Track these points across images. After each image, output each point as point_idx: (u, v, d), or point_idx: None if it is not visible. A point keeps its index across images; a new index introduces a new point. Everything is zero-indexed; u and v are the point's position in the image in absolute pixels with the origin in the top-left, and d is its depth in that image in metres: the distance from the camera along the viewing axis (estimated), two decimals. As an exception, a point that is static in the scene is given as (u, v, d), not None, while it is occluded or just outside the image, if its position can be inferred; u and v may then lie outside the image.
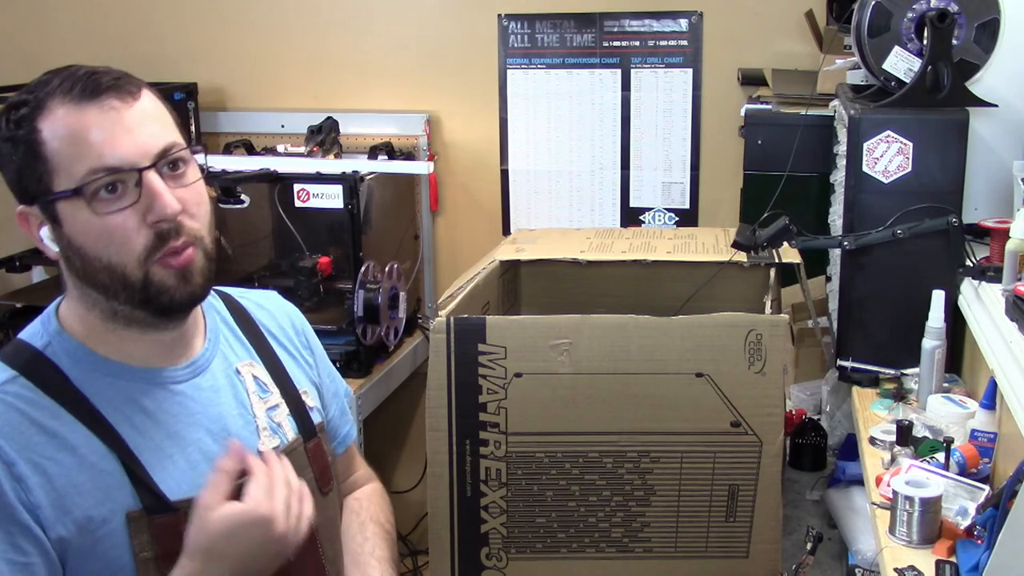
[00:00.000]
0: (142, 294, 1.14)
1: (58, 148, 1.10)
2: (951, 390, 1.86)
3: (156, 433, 1.17)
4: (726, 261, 2.24)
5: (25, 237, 1.15)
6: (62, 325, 1.19)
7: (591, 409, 1.87)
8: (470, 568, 1.96)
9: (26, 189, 1.13)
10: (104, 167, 1.09)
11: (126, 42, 3.29)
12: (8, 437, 1.09)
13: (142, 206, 1.11)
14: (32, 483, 1.08)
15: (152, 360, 1.20)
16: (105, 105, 1.11)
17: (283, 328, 1.42)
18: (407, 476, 3.35)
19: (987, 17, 1.91)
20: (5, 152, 1.13)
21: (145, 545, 1.12)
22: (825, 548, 1.91)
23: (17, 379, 1.14)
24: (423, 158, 3.11)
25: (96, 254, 1.12)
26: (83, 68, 1.14)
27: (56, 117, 1.10)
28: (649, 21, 2.98)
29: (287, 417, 1.32)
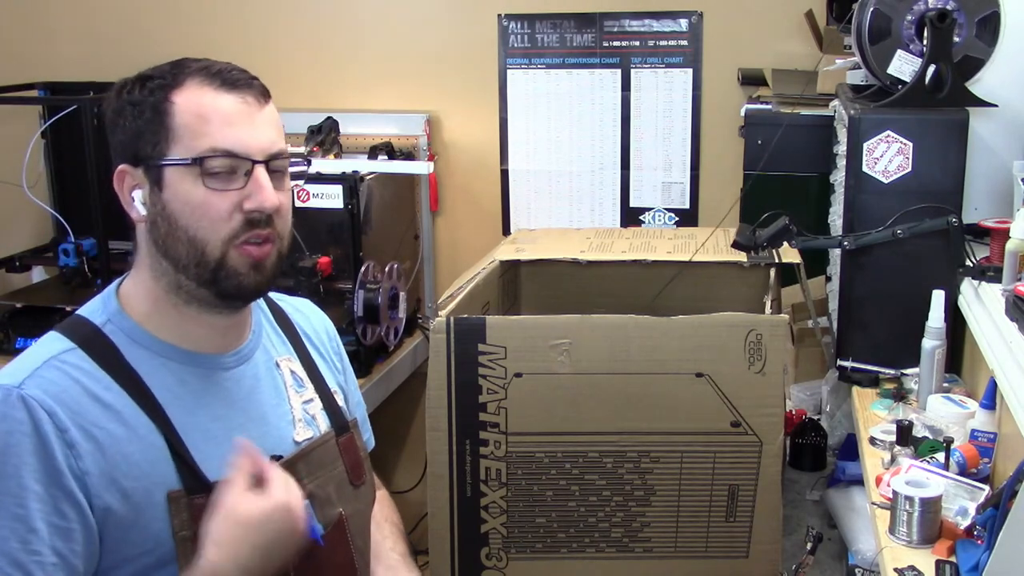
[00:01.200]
0: (212, 274, 1.19)
1: (186, 122, 1.17)
2: (951, 390, 1.86)
3: (203, 415, 1.22)
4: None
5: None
6: (122, 305, 1.24)
7: (591, 409, 1.87)
8: (470, 568, 1.96)
9: (137, 151, 1.19)
10: (224, 149, 1.17)
11: (125, 42, 3.29)
12: (63, 404, 1.13)
13: (244, 193, 1.18)
14: (83, 450, 1.12)
15: (204, 345, 1.25)
16: (241, 97, 1.20)
17: (317, 332, 1.48)
18: (407, 476, 3.35)
19: (987, 11, 1.91)
20: (127, 113, 1.20)
21: (184, 524, 1.16)
22: (825, 548, 1.91)
23: (75, 351, 1.18)
24: (423, 158, 3.11)
25: (186, 223, 1.18)
26: (221, 62, 1.22)
27: (192, 94, 1.18)
28: (649, 21, 2.98)
29: (321, 411, 1.37)
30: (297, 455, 1.29)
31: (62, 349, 1.18)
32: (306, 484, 1.28)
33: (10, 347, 2.83)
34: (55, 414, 1.12)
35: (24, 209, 3.09)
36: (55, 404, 1.12)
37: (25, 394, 1.12)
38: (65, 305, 2.83)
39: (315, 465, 1.32)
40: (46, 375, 1.15)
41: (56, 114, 2.97)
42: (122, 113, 1.20)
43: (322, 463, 1.33)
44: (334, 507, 1.33)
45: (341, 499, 1.35)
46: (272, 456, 1.25)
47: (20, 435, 1.10)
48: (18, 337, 2.83)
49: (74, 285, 2.93)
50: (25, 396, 1.12)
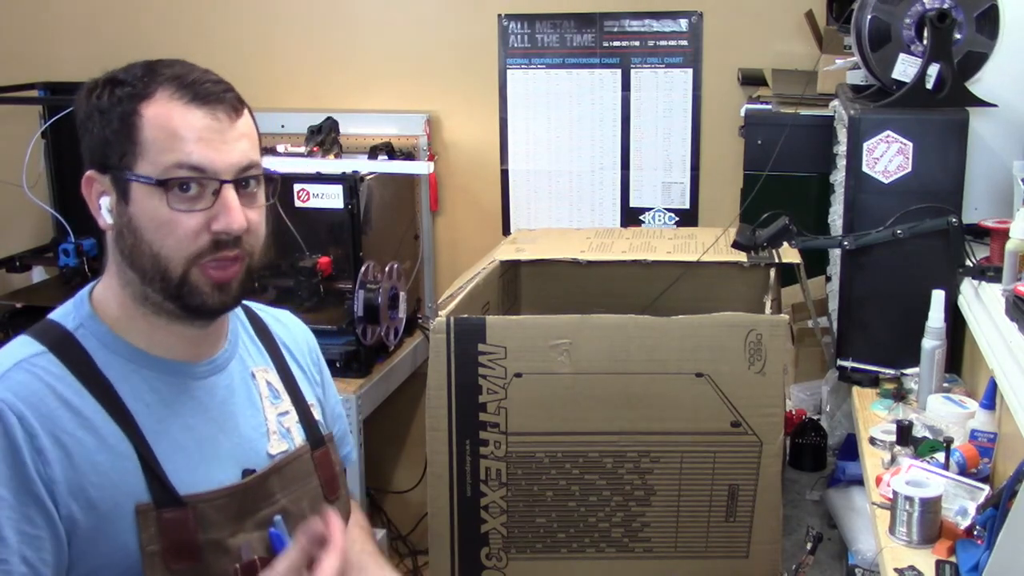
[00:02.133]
0: (176, 290, 1.17)
1: (153, 136, 1.14)
2: (951, 390, 1.86)
3: (174, 425, 1.20)
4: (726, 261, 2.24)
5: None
6: (95, 309, 1.22)
7: (591, 409, 1.87)
8: (470, 568, 1.96)
9: (105, 159, 1.17)
10: (190, 164, 1.14)
11: (125, 42, 3.29)
12: (33, 408, 1.10)
13: (211, 214, 1.15)
14: (51, 457, 1.10)
15: (176, 353, 1.23)
16: (211, 113, 1.16)
17: (297, 343, 1.45)
18: (407, 476, 3.35)
19: (985, 6, 1.91)
20: (95, 120, 1.17)
21: (152, 538, 1.13)
22: (825, 548, 1.91)
23: (45, 354, 1.16)
24: (423, 158, 3.11)
25: (150, 239, 1.15)
26: (196, 70, 1.19)
27: (161, 108, 1.15)
28: (649, 21, 2.98)
29: (296, 424, 1.34)
30: (270, 469, 1.26)
31: (33, 352, 1.15)
32: (279, 498, 1.26)
33: (10, 347, 2.83)
34: (24, 418, 1.09)
35: (24, 209, 3.09)
36: (24, 408, 1.10)
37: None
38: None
39: (289, 479, 1.29)
40: (16, 377, 1.12)
41: (56, 114, 2.97)
42: (91, 118, 1.17)
43: (296, 477, 1.30)
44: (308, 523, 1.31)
45: (315, 514, 1.29)
46: (244, 470, 1.23)
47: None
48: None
49: (74, 285, 2.92)
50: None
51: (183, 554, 1.14)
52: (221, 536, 1.18)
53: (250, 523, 1.22)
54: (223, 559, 1.18)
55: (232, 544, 1.19)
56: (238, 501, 1.21)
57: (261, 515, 1.23)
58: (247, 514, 1.22)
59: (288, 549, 1.15)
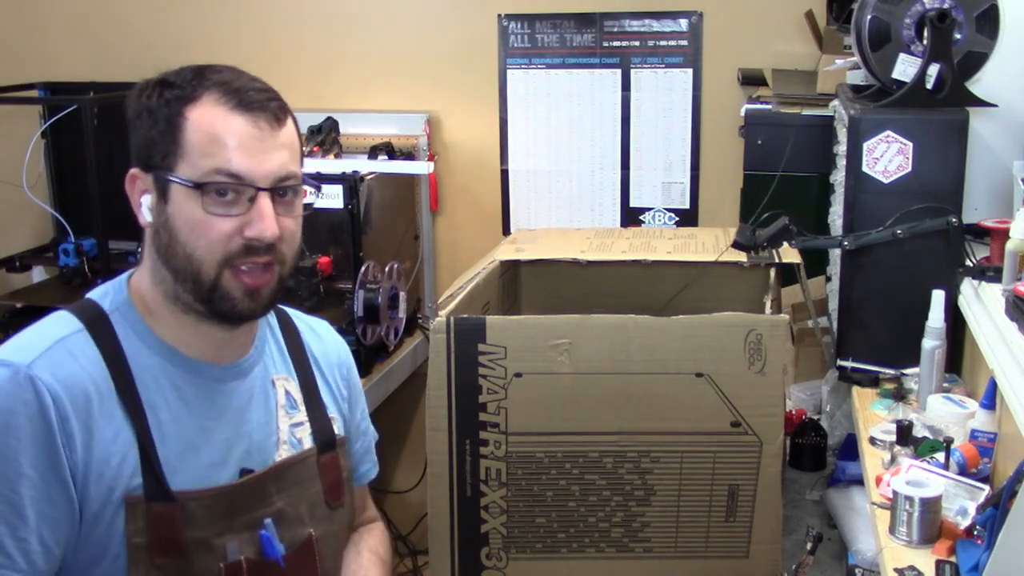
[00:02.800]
0: (208, 293, 1.19)
1: (195, 139, 1.16)
2: (951, 390, 1.86)
3: (189, 424, 1.21)
4: (726, 261, 2.24)
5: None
6: (131, 296, 1.23)
7: (591, 409, 1.87)
8: (470, 568, 1.96)
9: (149, 158, 1.19)
10: (228, 171, 1.16)
11: (125, 42, 3.29)
12: (68, 391, 1.12)
13: (246, 219, 1.17)
14: (78, 442, 1.11)
15: (202, 353, 1.24)
16: (253, 121, 1.18)
17: (327, 356, 1.45)
18: (407, 476, 3.35)
19: (985, 5, 1.91)
20: (143, 119, 1.19)
21: (139, 531, 1.14)
22: (825, 548, 1.91)
23: (82, 332, 1.18)
24: (423, 158, 3.12)
25: (184, 240, 1.17)
26: (244, 76, 1.21)
27: (206, 112, 1.17)
28: (649, 21, 2.98)
29: (309, 435, 1.35)
30: (268, 471, 1.26)
31: (71, 331, 1.18)
32: (275, 501, 1.26)
33: (10, 347, 2.83)
34: (59, 401, 1.11)
35: (24, 209, 3.10)
36: (61, 391, 1.11)
37: (35, 375, 1.10)
38: (65, 305, 2.82)
39: (289, 482, 1.29)
40: (56, 358, 1.14)
41: (56, 114, 2.97)
42: (139, 117, 1.20)
43: (297, 481, 1.30)
44: (304, 527, 1.30)
45: (313, 519, 1.32)
46: (242, 470, 1.24)
47: (24, 417, 1.09)
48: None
49: (74, 285, 2.93)
50: (35, 378, 1.10)
51: (168, 550, 1.15)
52: (207, 535, 1.19)
53: (240, 523, 1.22)
54: (208, 558, 1.19)
55: (218, 543, 1.19)
56: (229, 501, 1.21)
57: (254, 516, 1.23)
58: (238, 514, 1.22)
59: None
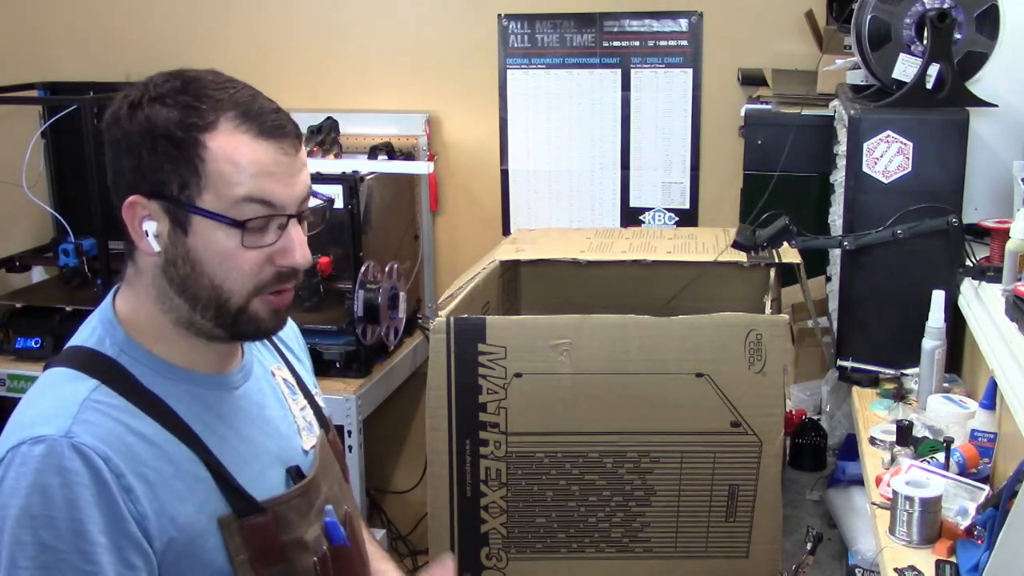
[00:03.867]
0: (232, 319, 1.15)
1: (219, 169, 1.10)
2: (951, 390, 1.86)
3: (232, 438, 1.20)
4: (725, 261, 2.24)
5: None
6: (128, 332, 1.17)
7: (591, 409, 1.87)
8: (470, 568, 1.96)
9: (158, 186, 1.11)
10: (261, 199, 1.11)
11: (125, 42, 3.29)
12: (114, 448, 1.07)
13: (277, 248, 1.14)
14: (139, 493, 1.08)
15: (212, 367, 1.22)
16: (279, 147, 1.12)
17: (287, 335, 1.45)
18: (407, 476, 3.35)
19: (985, 5, 1.91)
20: (143, 143, 1.11)
21: (240, 548, 1.14)
22: (825, 548, 1.91)
23: (101, 387, 1.12)
24: (423, 158, 3.11)
25: (212, 272, 1.12)
26: (258, 97, 1.15)
27: (227, 140, 1.10)
28: (649, 21, 2.98)
29: (312, 416, 1.37)
30: (318, 467, 1.28)
31: (90, 388, 1.11)
32: (323, 488, 1.28)
33: (10, 347, 2.83)
34: (110, 460, 1.06)
35: (24, 209, 3.09)
36: (108, 449, 1.07)
37: (77, 443, 1.05)
38: (65, 305, 2.83)
39: (326, 468, 1.32)
40: (90, 419, 1.08)
41: (56, 114, 2.97)
42: (139, 140, 1.11)
43: (327, 464, 1.33)
44: (342, 506, 1.33)
45: (344, 497, 1.35)
46: (288, 468, 1.24)
47: (80, 487, 1.04)
48: (18, 337, 2.83)
49: (74, 285, 2.93)
50: (77, 445, 1.05)
51: (270, 558, 1.16)
52: (299, 534, 1.20)
53: (313, 516, 1.24)
54: (303, 556, 1.20)
55: (308, 539, 1.21)
56: (306, 497, 1.23)
57: (317, 506, 1.26)
58: (311, 508, 1.24)
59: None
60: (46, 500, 1.03)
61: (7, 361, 2.82)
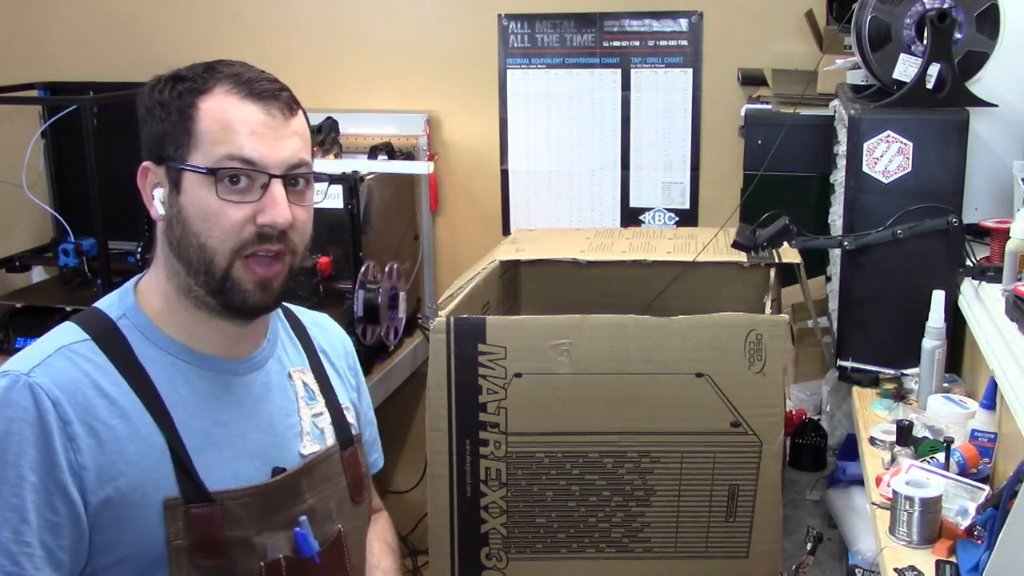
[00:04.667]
0: (219, 284, 1.19)
1: (208, 128, 1.17)
2: (951, 390, 1.86)
3: (207, 419, 1.21)
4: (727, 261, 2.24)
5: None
6: (138, 301, 1.24)
7: (591, 409, 1.87)
8: (470, 568, 1.96)
9: (161, 151, 1.20)
10: (241, 156, 1.17)
11: (125, 42, 3.29)
12: (69, 395, 1.12)
13: (259, 207, 1.18)
14: (83, 444, 1.12)
15: (216, 348, 1.25)
16: (265, 109, 1.20)
17: (334, 347, 1.48)
18: (407, 476, 3.35)
19: (985, 5, 1.91)
20: (155, 113, 1.21)
21: (180, 533, 1.15)
22: (825, 548, 1.91)
23: (87, 342, 1.18)
24: (423, 158, 3.11)
25: (197, 230, 1.18)
26: (254, 70, 1.24)
27: (218, 101, 1.18)
28: (649, 21, 2.98)
29: (329, 426, 1.36)
30: (301, 469, 1.28)
31: (75, 340, 1.18)
32: (307, 498, 1.27)
33: (10, 347, 2.83)
34: (59, 404, 1.11)
35: (24, 209, 3.09)
36: (61, 394, 1.12)
37: (33, 382, 1.12)
38: (65, 305, 2.83)
39: (318, 479, 1.30)
40: (56, 364, 1.14)
41: (56, 114, 2.97)
42: (152, 111, 1.21)
43: (325, 477, 1.32)
44: (333, 523, 1.31)
45: (341, 515, 1.33)
46: (274, 468, 1.25)
47: (23, 423, 1.10)
48: (18, 337, 2.83)
49: (74, 285, 2.93)
50: (32, 384, 1.11)
51: (210, 551, 1.16)
52: (248, 534, 1.19)
53: (277, 521, 1.23)
54: (249, 557, 1.20)
55: (258, 542, 1.20)
56: (266, 499, 1.22)
57: (288, 514, 1.25)
58: (274, 512, 1.23)
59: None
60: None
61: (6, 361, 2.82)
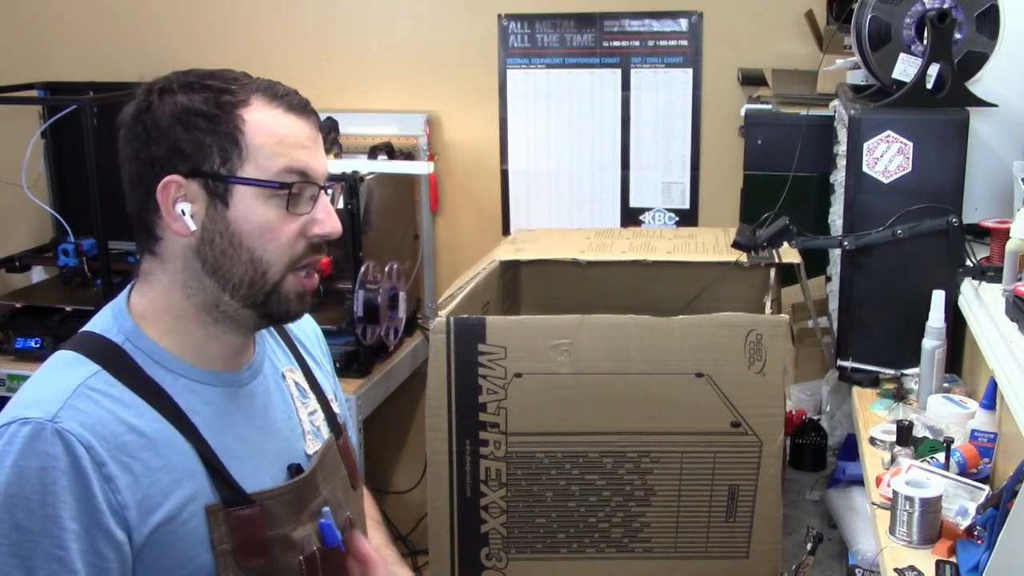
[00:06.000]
0: (265, 296, 1.18)
1: (260, 141, 1.15)
2: (951, 390, 1.86)
3: (230, 436, 1.20)
4: (730, 261, 2.24)
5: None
6: (137, 321, 1.19)
7: (591, 409, 1.87)
8: (470, 568, 1.96)
9: (197, 163, 1.14)
10: (299, 169, 1.16)
11: (125, 42, 3.29)
12: (99, 436, 1.09)
13: (310, 219, 1.18)
14: (121, 484, 1.09)
15: (220, 363, 1.23)
16: (308, 123, 1.20)
17: (308, 337, 1.47)
18: (407, 476, 3.35)
19: (985, 5, 1.91)
20: (177, 123, 1.14)
21: (224, 537, 1.14)
22: (825, 548, 1.91)
23: (100, 374, 1.13)
24: (423, 158, 3.11)
25: (251, 244, 1.16)
26: (278, 83, 1.23)
27: (262, 114, 1.16)
28: (649, 21, 2.98)
29: (323, 421, 1.37)
30: (316, 465, 1.29)
31: (88, 374, 1.13)
32: (323, 490, 1.29)
33: (10, 347, 2.83)
34: (92, 448, 1.07)
35: (24, 209, 3.09)
36: (92, 437, 1.08)
37: (61, 428, 1.07)
38: (65, 305, 2.83)
39: (328, 471, 1.32)
40: (79, 405, 1.09)
41: (56, 114, 2.97)
42: (182, 121, 1.14)
43: (331, 468, 1.33)
44: (344, 511, 1.33)
45: (347, 502, 1.35)
46: (289, 466, 1.25)
47: (56, 472, 1.05)
48: (18, 337, 2.83)
49: (74, 285, 2.93)
50: (61, 431, 1.07)
51: (254, 551, 1.16)
52: (286, 531, 1.21)
53: (305, 516, 1.24)
54: (288, 553, 1.20)
55: (296, 538, 1.22)
56: (297, 495, 1.23)
57: (312, 508, 1.26)
58: (303, 508, 1.24)
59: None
60: (23, 481, 1.05)
61: (7, 361, 2.82)
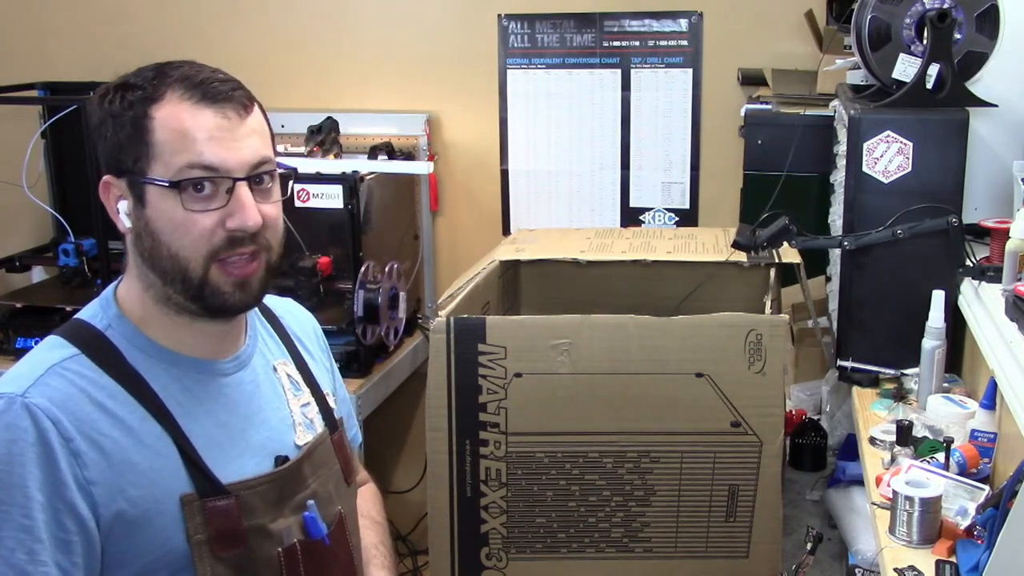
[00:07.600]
0: (197, 290, 1.18)
1: (165, 138, 1.15)
2: (951, 390, 1.86)
3: (208, 422, 1.21)
4: (726, 261, 2.24)
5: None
6: (121, 309, 1.22)
7: (591, 409, 1.87)
8: (470, 568, 1.96)
9: (120, 163, 1.17)
10: (202, 164, 1.15)
11: (125, 42, 3.29)
12: (68, 412, 1.11)
13: (226, 212, 1.17)
14: (88, 459, 1.11)
15: (202, 351, 1.24)
16: (221, 112, 1.17)
17: (306, 332, 1.48)
18: (407, 476, 3.35)
19: (985, 5, 1.91)
20: (108, 125, 1.18)
21: (199, 527, 1.16)
22: (825, 548, 1.91)
23: (78, 356, 1.17)
24: (423, 158, 3.11)
25: (167, 241, 1.16)
26: (205, 70, 1.20)
27: (171, 109, 1.15)
28: (649, 21, 2.98)
29: (317, 414, 1.38)
30: (303, 456, 1.29)
31: (65, 356, 1.16)
32: (310, 483, 1.29)
33: (10, 347, 2.83)
34: (60, 423, 1.10)
35: (24, 209, 3.09)
36: (60, 413, 1.11)
37: (30, 403, 1.10)
38: (65, 305, 2.83)
39: (317, 464, 1.33)
40: (51, 383, 1.13)
41: (56, 114, 2.97)
42: (104, 123, 1.18)
43: (322, 462, 1.34)
44: (334, 505, 1.34)
45: (339, 497, 1.36)
46: (277, 457, 1.26)
47: (25, 444, 1.09)
48: (18, 337, 2.83)
49: (74, 285, 2.93)
50: (30, 405, 1.10)
51: (229, 541, 1.17)
52: (263, 522, 1.21)
53: (287, 508, 1.25)
54: (266, 544, 1.21)
55: (274, 529, 1.22)
56: (277, 487, 1.24)
57: (296, 500, 1.27)
58: (284, 499, 1.25)
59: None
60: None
61: (7, 361, 2.82)
